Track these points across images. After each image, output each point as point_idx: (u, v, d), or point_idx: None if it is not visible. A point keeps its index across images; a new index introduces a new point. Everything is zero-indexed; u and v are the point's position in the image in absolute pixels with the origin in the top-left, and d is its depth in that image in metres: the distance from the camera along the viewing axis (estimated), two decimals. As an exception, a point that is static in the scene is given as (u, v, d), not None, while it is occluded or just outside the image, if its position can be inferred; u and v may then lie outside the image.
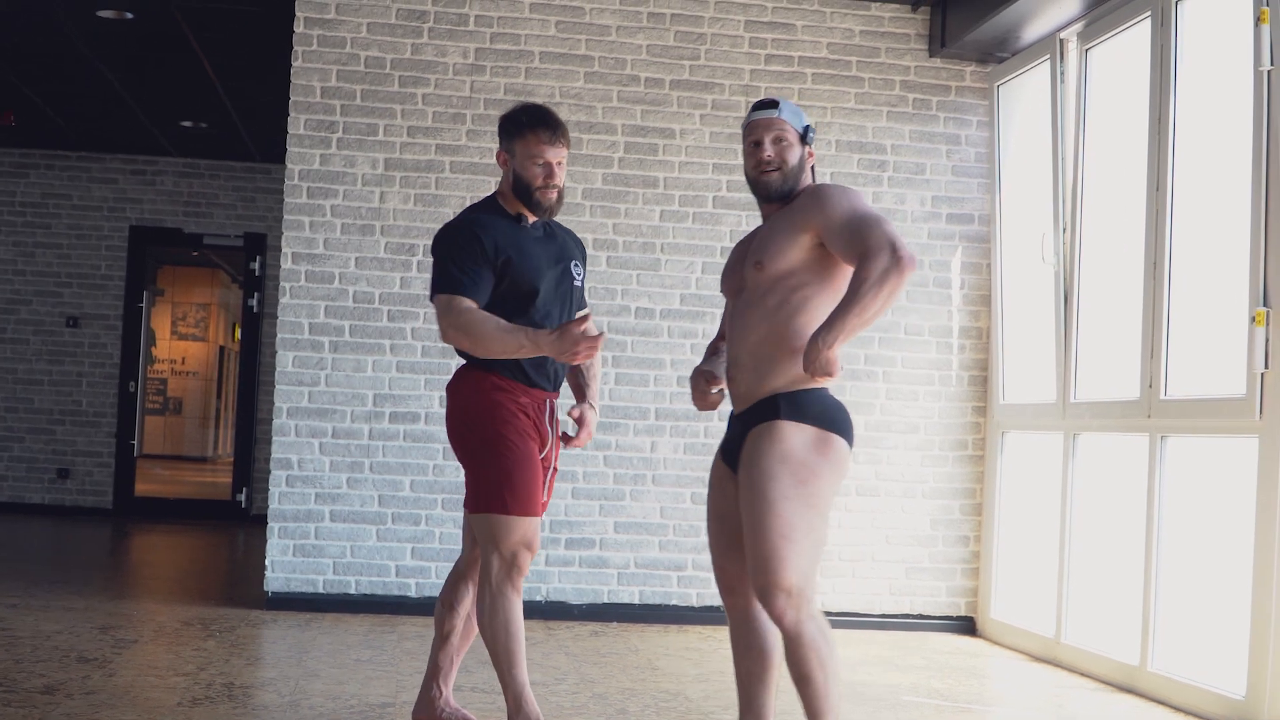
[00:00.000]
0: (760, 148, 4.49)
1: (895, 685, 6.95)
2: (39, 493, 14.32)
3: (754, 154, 4.51)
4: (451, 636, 5.31)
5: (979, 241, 8.98)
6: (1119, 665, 7.18)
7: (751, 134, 4.52)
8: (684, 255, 8.74)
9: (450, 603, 5.31)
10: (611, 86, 8.76)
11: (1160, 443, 6.91)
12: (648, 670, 6.99)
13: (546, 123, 5.06)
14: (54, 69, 11.23)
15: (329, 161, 8.58)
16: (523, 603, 5.07)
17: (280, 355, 8.55)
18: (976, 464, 8.92)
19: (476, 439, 5.03)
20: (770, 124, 4.49)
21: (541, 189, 5.04)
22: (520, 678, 5.02)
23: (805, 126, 4.51)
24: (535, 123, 5.05)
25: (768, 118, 4.50)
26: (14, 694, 5.61)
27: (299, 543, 8.48)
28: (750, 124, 4.54)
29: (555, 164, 5.03)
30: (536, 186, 5.04)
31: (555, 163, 5.03)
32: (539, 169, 5.03)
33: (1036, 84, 8.46)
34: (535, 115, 5.09)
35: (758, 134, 4.50)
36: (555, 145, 5.03)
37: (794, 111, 4.51)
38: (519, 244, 5.03)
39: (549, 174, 5.03)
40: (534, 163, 5.03)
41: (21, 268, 14.31)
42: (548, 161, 5.02)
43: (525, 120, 5.07)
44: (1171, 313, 6.92)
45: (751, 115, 4.54)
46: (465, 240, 4.96)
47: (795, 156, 4.48)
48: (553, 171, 5.03)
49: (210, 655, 6.84)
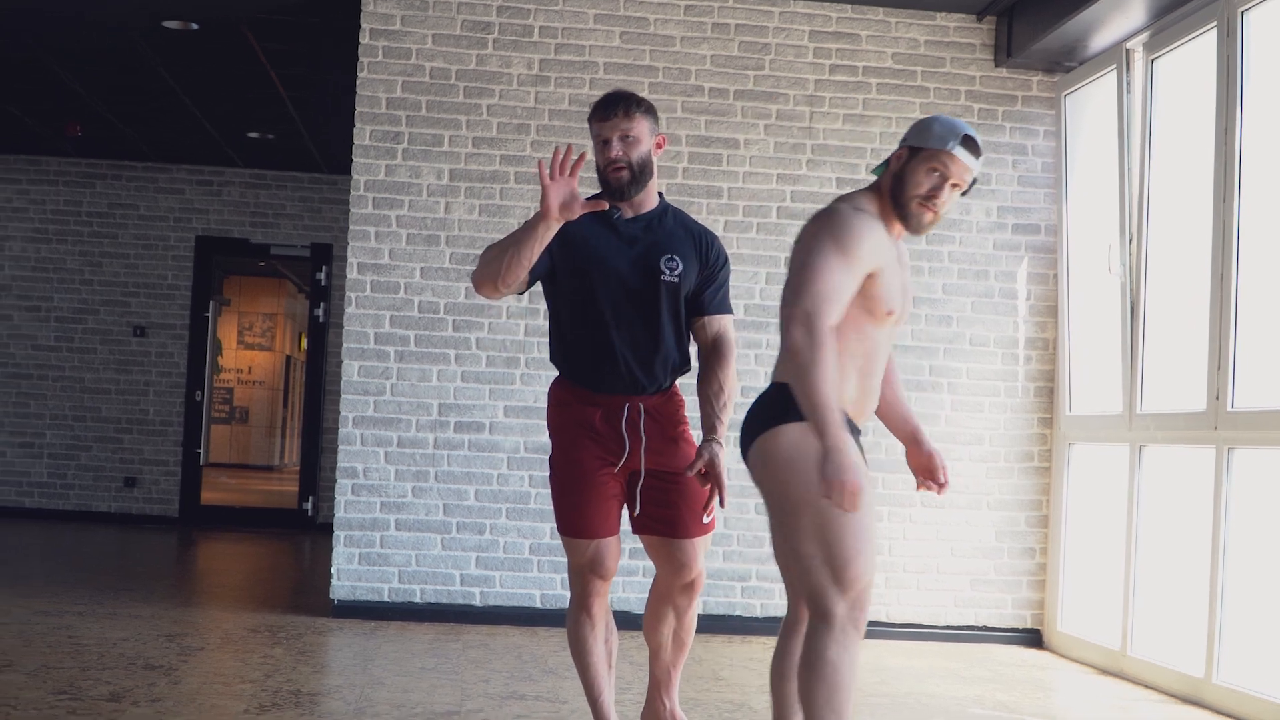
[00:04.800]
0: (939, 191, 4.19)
1: (961, 697, 6.97)
2: (106, 501, 14.49)
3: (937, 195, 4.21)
4: (660, 651, 5.20)
5: (1045, 252, 8.99)
6: (1185, 678, 7.17)
7: (947, 169, 4.17)
8: (748, 266, 8.78)
9: (649, 617, 5.21)
10: (676, 97, 8.82)
11: (1227, 455, 6.91)
12: (711, 681, 7.03)
13: (601, 101, 4.95)
14: (120, 80, 11.37)
15: (394, 172, 8.67)
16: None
17: (346, 365, 8.64)
18: (1043, 475, 8.93)
19: (552, 456, 5.07)
20: (966, 172, 4.21)
21: (606, 169, 4.91)
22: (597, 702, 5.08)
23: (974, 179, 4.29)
24: (595, 107, 4.97)
25: (968, 166, 4.19)
26: (80, 702, 5.68)
27: (364, 551, 8.57)
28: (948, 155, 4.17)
29: (614, 138, 4.87)
30: (601, 167, 4.93)
31: (614, 137, 4.87)
32: (600, 148, 4.92)
33: (1103, 94, 8.46)
34: (597, 100, 5.00)
35: (954, 174, 4.18)
36: (610, 119, 4.88)
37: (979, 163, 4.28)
38: (591, 231, 4.91)
39: (606, 150, 4.89)
40: (597, 144, 4.93)
41: (89, 277, 14.49)
42: (605, 138, 4.88)
43: (591, 110, 5.00)
44: (1238, 323, 6.91)
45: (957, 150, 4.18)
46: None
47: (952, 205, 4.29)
48: (610, 146, 4.87)
49: (277, 662, 6.92)
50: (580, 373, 4.98)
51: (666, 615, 5.13)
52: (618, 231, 4.94)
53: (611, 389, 4.95)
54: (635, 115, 4.89)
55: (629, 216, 4.98)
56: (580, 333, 4.96)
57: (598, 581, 5.00)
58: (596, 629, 5.06)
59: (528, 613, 8.60)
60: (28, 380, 14.45)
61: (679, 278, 4.94)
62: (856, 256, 4.05)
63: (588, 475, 4.93)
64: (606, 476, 4.95)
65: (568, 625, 5.11)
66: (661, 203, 5.07)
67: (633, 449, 4.94)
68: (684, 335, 5.05)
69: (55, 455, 14.46)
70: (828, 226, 4.11)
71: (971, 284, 8.92)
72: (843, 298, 4.02)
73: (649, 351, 4.94)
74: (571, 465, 4.96)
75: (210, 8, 9.38)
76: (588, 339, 4.94)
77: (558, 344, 5.07)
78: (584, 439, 4.95)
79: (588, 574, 4.99)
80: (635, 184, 4.92)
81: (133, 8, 9.48)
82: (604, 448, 4.95)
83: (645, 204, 5.01)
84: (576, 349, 4.98)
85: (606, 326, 4.91)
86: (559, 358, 5.07)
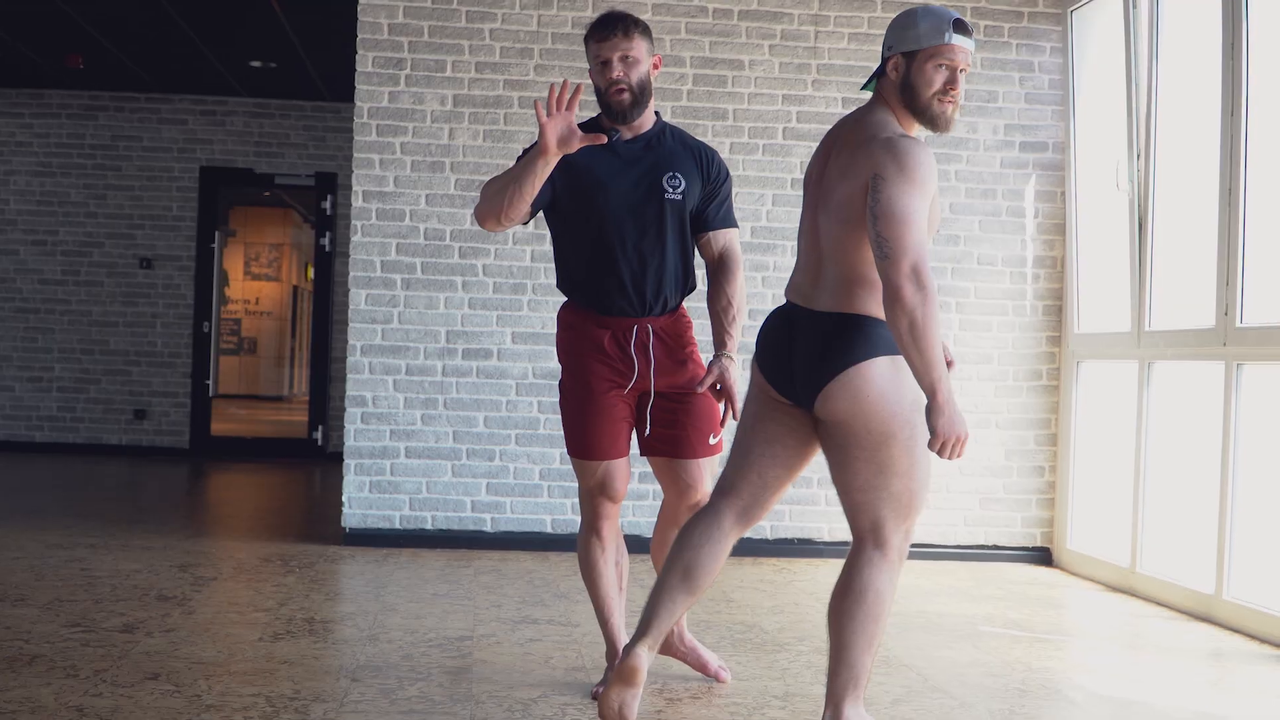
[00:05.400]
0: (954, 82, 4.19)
1: (971, 616, 7.00)
2: (116, 434, 14.54)
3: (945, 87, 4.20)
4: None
5: (1053, 170, 8.96)
6: (1194, 594, 7.20)
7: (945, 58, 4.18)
8: (754, 188, 8.76)
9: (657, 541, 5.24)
10: (679, 18, 8.78)
11: (1236, 370, 6.91)
12: (723, 602, 7.07)
13: (599, 22, 4.93)
14: (121, 10, 11.31)
15: (398, 99, 8.65)
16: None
17: (353, 294, 8.65)
18: (1051, 394, 8.94)
19: (562, 380, 5.09)
20: (967, 55, 4.22)
21: (608, 91, 4.90)
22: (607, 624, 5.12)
23: None
24: (592, 26, 4.95)
25: (965, 46, 4.20)
26: (93, 633, 5.72)
27: (375, 479, 8.60)
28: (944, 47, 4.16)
29: (615, 58, 4.86)
30: (604, 89, 4.91)
31: (615, 58, 4.86)
32: (600, 69, 4.91)
33: (1110, 9, 8.41)
34: (594, 21, 4.98)
35: (954, 60, 4.19)
36: (610, 39, 4.87)
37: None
38: (591, 154, 4.88)
39: (607, 70, 4.88)
40: (596, 65, 4.92)
41: (94, 210, 14.48)
42: (606, 58, 4.87)
43: (588, 29, 4.98)
44: (1247, 239, 6.89)
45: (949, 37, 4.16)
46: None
47: None
48: (610, 66, 4.87)
49: (290, 591, 6.97)
50: (588, 296, 5.00)
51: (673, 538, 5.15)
52: (618, 153, 4.95)
53: (620, 311, 4.97)
54: (634, 35, 4.88)
55: (628, 138, 4.99)
56: (586, 257, 4.97)
57: (607, 504, 5.04)
58: (607, 551, 5.09)
59: (538, 538, 8.64)
60: (35, 314, 14.46)
61: (682, 195, 4.96)
62: (930, 189, 4.07)
63: (597, 397, 4.96)
64: (616, 398, 4.98)
65: (578, 548, 5.15)
66: (659, 122, 5.08)
67: (642, 370, 4.97)
68: (689, 253, 5.07)
69: (64, 389, 14.49)
70: (900, 168, 4.05)
71: (979, 203, 8.90)
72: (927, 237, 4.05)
73: (656, 271, 4.95)
74: (581, 387, 4.99)
75: (209, -64, 9.33)
76: (594, 262, 4.95)
77: (563, 269, 5.08)
78: (593, 361, 4.97)
79: (597, 496, 5.03)
80: (637, 105, 4.93)
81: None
82: (613, 369, 4.97)
83: (644, 124, 5.03)
84: (583, 273, 4.99)
85: (612, 249, 4.92)
86: (565, 283, 5.08)
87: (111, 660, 5.24)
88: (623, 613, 5.17)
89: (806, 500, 8.74)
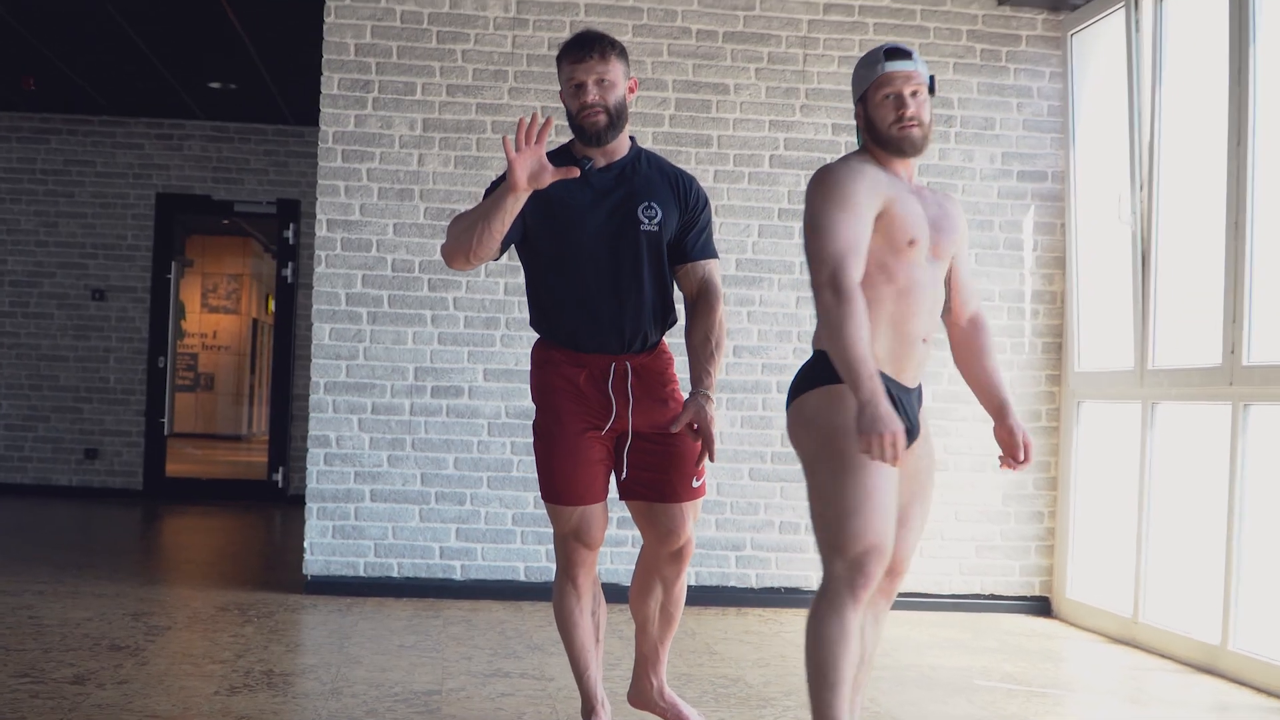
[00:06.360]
0: (904, 104, 4.37)
1: (966, 668, 7.01)
2: (66, 474, 14.50)
3: (895, 110, 4.38)
4: (647, 625, 5.24)
5: (1052, 200, 9.01)
6: (1200, 645, 7.22)
7: (889, 86, 4.38)
8: (740, 218, 8.79)
9: (636, 589, 5.25)
10: (661, 40, 8.81)
11: (1243, 411, 6.94)
12: (705, 654, 7.07)
13: (574, 42, 4.92)
14: (74, 29, 11.32)
15: (364, 123, 8.67)
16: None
17: (316, 327, 8.65)
18: (1051, 435, 8.96)
19: (535, 421, 5.08)
20: (909, 77, 4.39)
21: (581, 113, 4.88)
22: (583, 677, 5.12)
23: (930, 77, 4.45)
24: (565, 46, 4.94)
25: (905, 70, 4.38)
26: (42, 685, 5.69)
27: (339, 524, 8.60)
28: (884, 76, 4.38)
29: (590, 82, 4.85)
30: (576, 112, 4.90)
31: (590, 80, 4.85)
32: (573, 91, 4.89)
33: (1111, 33, 8.47)
34: (567, 41, 4.97)
35: (897, 86, 4.38)
36: (585, 61, 4.85)
37: (922, 62, 4.47)
38: (564, 186, 4.85)
39: (581, 94, 4.86)
40: (570, 87, 4.91)
41: (44, 239, 14.46)
42: (580, 81, 4.85)
43: (561, 49, 4.96)
44: (1254, 275, 6.93)
45: (886, 65, 4.39)
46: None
47: (929, 110, 4.44)
48: (585, 89, 4.85)
49: (248, 642, 6.95)
50: (563, 334, 4.99)
51: (654, 587, 5.17)
52: (591, 183, 4.93)
53: (596, 348, 4.96)
54: (610, 58, 4.88)
55: (601, 165, 4.97)
56: (560, 293, 4.96)
57: (584, 551, 5.02)
58: (583, 601, 5.08)
59: (511, 586, 8.63)
60: (-19, 348, 14.45)
61: (659, 225, 4.95)
62: (856, 202, 4.24)
63: (572, 438, 4.94)
64: (593, 440, 4.96)
65: (553, 597, 5.13)
66: (634, 148, 5.06)
67: (619, 410, 4.95)
68: (669, 286, 5.06)
69: (11, 426, 14.47)
70: (819, 187, 4.30)
71: (975, 234, 8.93)
72: (860, 248, 4.20)
73: (634, 306, 4.94)
74: (555, 428, 4.97)
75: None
76: (568, 299, 4.94)
77: (537, 306, 5.07)
78: (568, 401, 4.95)
79: (573, 543, 5.01)
80: (612, 129, 4.91)
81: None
82: (589, 410, 4.95)
83: (618, 151, 5.01)
84: (557, 310, 4.98)
85: (587, 284, 4.91)
86: (539, 320, 5.07)
87: (62, 713, 5.22)
88: (600, 665, 5.16)
89: (794, 547, 8.75)
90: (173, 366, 15.31)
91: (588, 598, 5.09)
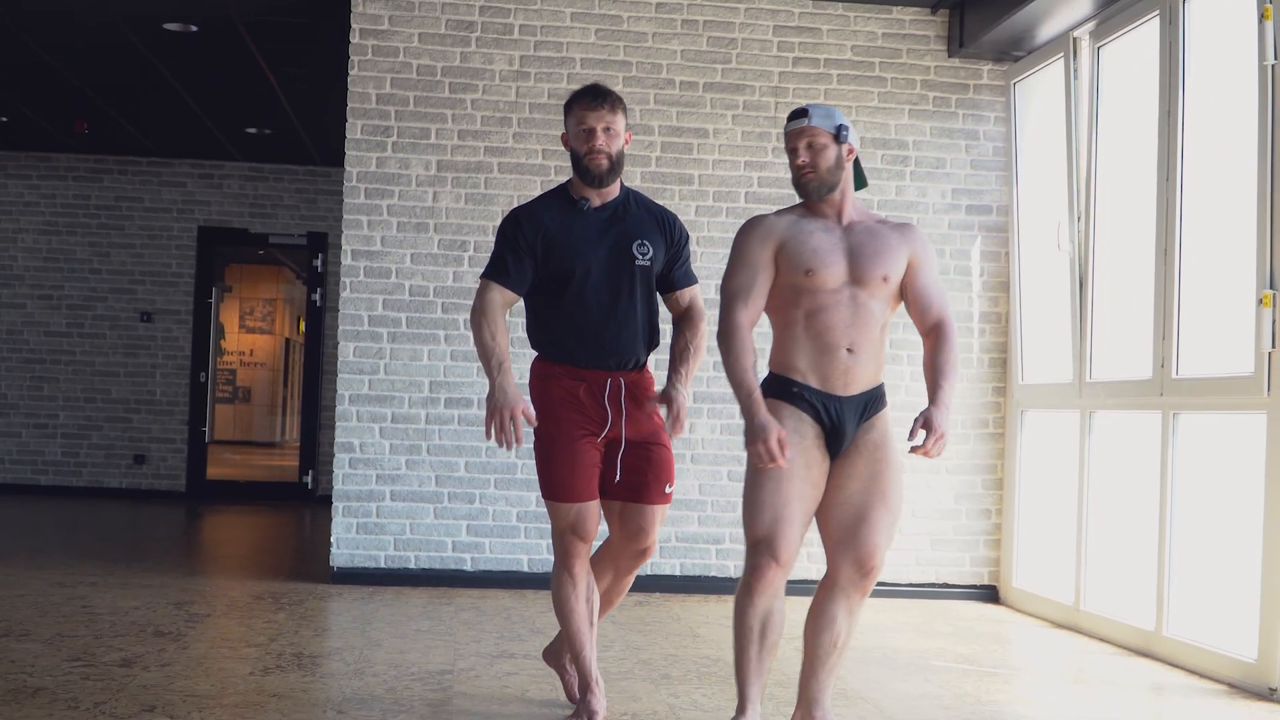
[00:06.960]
0: (796, 155, 4.55)
1: (924, 650, 6.93)
2: (116, 478, 14.40)
3: (792, 161, 4.57)
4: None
5: (997, 231, 8.94)
6: (1136, 631, 7.14)
7: (788, 143, 4.58)
8: (718, 248, 8.72)
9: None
10: (649, 90, 8.75)
11: (1172, 419, 6.87)
12: (689, 637, 6.99)
13: (588, 91, 4.96)
14: (124, 80, 11.26)
15: (385, 164, 8.59)
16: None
17: (342, 346, 8.57)
18: (997, 441, 8.89)
19: (537, 427, 5.03)
20: (801, 132, 4.54)
21: (587, 155, 4.91)
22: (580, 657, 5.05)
23: (838, 126, 4.52)
24: (579, 94, 4.97)
25: (798, 127, 4.54)
26: (93, 667, 5.63)
27: (361, 521, 8.51)
28: (786, 134, 4.59)
29: (599, 129, 4.88)
30: (582, 154, 4.92)
31: (599, 127, 4.88)
32: (583, 135, 4.91)
33: (1051, 81, 8.41)
34: (581, 90, 5.00)
35: (793, 142, 4.55)
36: (597, 110, 4.89)
37: (825, 114, 4.54)
38: (566, 226, 4.93)
39: (590, 138, 4.89)
40: (579, 131, 4.92)
41: (98, 266, 14.37)
42: (590, 127, 4.89)
43: (573, 96, 5.00)
44: (1182, 296, 6.87)
45: (786, 126, 4.60)
46: (507, 227, 4.96)
47: (830, 157, 4.52)
48: (594, 135, 4.89)
49: (280, 627, 6.87)
50: (564, 353, 5.00)
51: (605, 572, 5.22)
52: (589, 221, 4.99)
53: (595, 365, 4.97)
54: (618, 110, 4.97)
55: (596, 205, 5.02)
56: (565, 319, 4.98)
57: (579, 544, 4.99)
58: (578, 589, 5.04)
59: (516, 576, 8.54)
60: (41, 365, 14.34)
61: (650, 261, 5.03)
62: (746, 252, 4.52)
63: (572, 443, 4.94)
64: (589, 445, 4.96)
65: (552, 587, 5.08)
66: (622, 190, 5.12)
67: (614, 420, 4.97)
68: (656, 312, 5.13)
69: (68, 435, 14.36)
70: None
71: (929, 262, 8.84)
72: (749, 289, 4.48)
73: (630, 331, 4.99)
74: (557, 434, 4.96)
75: (209, 9, 9.28)
76: (572, 323, 4.96)
77: (539, 328, 5.09)
78: (568, 410, 4.96)
79: (570, 537, 4.98)
80: (612, 173, 4.98)
81: (135, 11, 9.38)
82: (587, 419, 4.97)
83: (611, 192, 5.07)
84: (560, 332, 5.00)
85: (589, 311, 4.94)
86: (541, 340, 5.08)
87: (110, 693, 5.14)
88: (595, 646, 5.10)
89: (768, 541, 8.66)
90: (213, 381, 15.23)
91: (583, 586, 5.05)
